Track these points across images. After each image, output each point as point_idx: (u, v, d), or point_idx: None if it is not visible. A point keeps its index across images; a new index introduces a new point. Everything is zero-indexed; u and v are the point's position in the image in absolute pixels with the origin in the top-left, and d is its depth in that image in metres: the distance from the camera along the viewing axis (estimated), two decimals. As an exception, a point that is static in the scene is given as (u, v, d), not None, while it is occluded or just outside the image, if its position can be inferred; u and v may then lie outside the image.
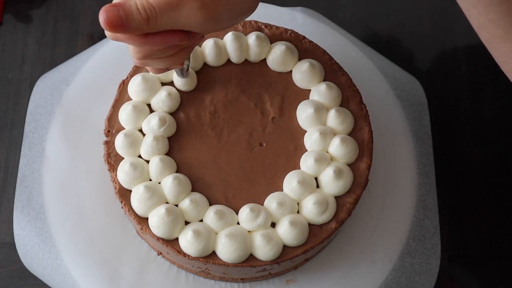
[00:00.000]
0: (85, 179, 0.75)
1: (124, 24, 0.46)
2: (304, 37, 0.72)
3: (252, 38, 0.70)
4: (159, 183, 0.65)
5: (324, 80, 0.70)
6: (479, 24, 0.54)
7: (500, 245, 0.81)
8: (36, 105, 0.80)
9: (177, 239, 0.64)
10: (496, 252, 0.80)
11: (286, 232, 0.63)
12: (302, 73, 0.69)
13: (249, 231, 0.64)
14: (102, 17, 0.45)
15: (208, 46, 0.70)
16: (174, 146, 0.67)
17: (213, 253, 0.64)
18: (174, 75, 0.68)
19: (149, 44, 0.49)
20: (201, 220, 0.64)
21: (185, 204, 0.64)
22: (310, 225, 0.65)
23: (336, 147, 0.66)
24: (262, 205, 0.65)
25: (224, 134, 0.68)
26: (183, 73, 0.67)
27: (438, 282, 0.75)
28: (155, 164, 0.65)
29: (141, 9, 0.46)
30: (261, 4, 0.56)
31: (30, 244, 0.74)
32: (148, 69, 0.61)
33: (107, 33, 0.49)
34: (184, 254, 0.63)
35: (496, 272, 0.80)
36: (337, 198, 0.66)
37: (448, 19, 0.91)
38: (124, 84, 0.70)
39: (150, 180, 0.65)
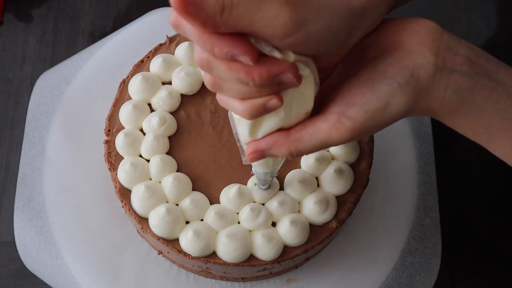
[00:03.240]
0: (85, 178, 0.75)
1: (196, 6, 0.38)
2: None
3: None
4: (160, 182, 0.65)
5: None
6: None
7: (500, 244, 0.81)
8: (37, 104, 0.80)
9: (177, 238, 0.64)
10: (496, 252, 0.80)
11: (286, 232, 0.63)
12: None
13: (249, 231, 0.64)
14: None
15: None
16: (175, 145, 0.67)
17: (214, 253, 0.64)
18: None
19: (214, 44, 0.40)
20: (202, 220, 0.64)
21: (186, 203, 0.64)
22: (311, 224, 0.65)
23: (337, 146, 0.66)
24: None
25: (224, 133, 0.68)
26: (265, 186, 0.62)
27: (439, 281, 0.75)
28: (156, 163, 0.65)
29: None
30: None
31: (31, 243, 0.74)
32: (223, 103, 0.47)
33: (172, 19, 0.41)
34: (185, 254, 0.63)
35: (496, 272, 0.80)
36: (338, 197, 0.66)
37: (449, 19, 0.91)
38: (124, 83, 0.70)
39: (151, 179, 0.65)
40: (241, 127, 0.47)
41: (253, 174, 0.63)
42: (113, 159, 0.67)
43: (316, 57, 0.44)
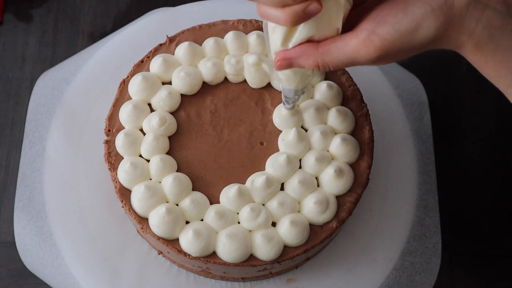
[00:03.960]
0: (85, 178, 0.75)
1: None
2: (304, 36, 0.72)
3: (252, 37, 0.70)
4: (160, 182, 0.65)
5: (324, 79, 0.70)
6: None
7: (501, 244, 0.81)
8: (37, 104, 0.80)
9: (177, 238, 0.64)
10: (496, 252, 0.80)
11: (286, 232, 0.63)
12: (302, 72, 0.69)
13: (249, 231, 0.64)
14: None
15: (208, 45, 0.70)
16: (175, 145, 0.67)
17: (214, 253, 0.64)
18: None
19: None
20: (202, 220, 0.64)
21: (186, 203, 0.64)
22: (311, 224, 0.65)
23: (337, 146, 0.66)
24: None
25: (224, 133, 0.68)
26: (290, 105, 0.64)
27: (439, 281, 0.75)
28: (156, 163, 0.65)
29: None
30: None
31: (31, 243, 0.74)
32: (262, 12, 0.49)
33: None
34: (185, 254, 0.63)
35: (496, 272, 0.80)
36: (338, 197, 0.66)
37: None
38: (124, 83, 0.70)
39: (151, 179, 0.65)
40: (274, 36, 0.50)
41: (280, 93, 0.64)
42: (113, 159, 0.67)
43: None
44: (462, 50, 0.46)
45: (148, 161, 0.66)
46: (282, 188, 0.66)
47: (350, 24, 0.48)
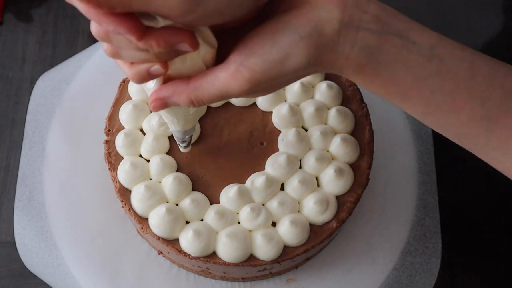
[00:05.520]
0: (85, 178, 0.75)
1: None
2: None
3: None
4: (160, 182, 0.65)
5: (324, 79, 0.70)
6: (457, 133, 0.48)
7: (500, 244, 0.81)
8: (37, 104, 0.80)
9: (177, 238, 0.64)
10: (496, 252, 0.80)
11: (286, 232, 0.63)
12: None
13: (249, 231, 0.64)
14: None
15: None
16: (175, 145, 0.67)
17: (214, 253, 0.64)
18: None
19: (101, 21, 0.39)
20: (202, 220, 0.64)
21: (186, 203, 0.64)
22: (311, 224, 0.65)
23: (337, 146, 0.66)
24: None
25: (224, 133, 0.68)
26: (183, 145, 0.63)
27: (439, 281, 0.75)
28: (156, 163, 0.65)
29: None
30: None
31: (31, 243, 0.74)
32: (120, 66, 0.48)
33: None
34: (185, 254, 0.63)
35: (496, 271, 0.80)
36: (338, 197, 0.66)
37: (448, 19, 0.91)
38: (124, 83, 0.70)
39: (151, 179, 0.65)
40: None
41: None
42: (113, 159, 0.67)
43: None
44: (344, 73, 0.45)
45: (148, 161, 0.66)
46: (282, 188, 0.66)
47: (220, 52, 0.46)
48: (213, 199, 0.65)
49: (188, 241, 0.62)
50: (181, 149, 0.64)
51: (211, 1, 0.39)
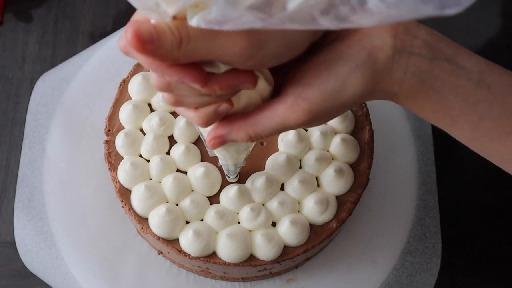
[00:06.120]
0: (85, 178, 0.75)
1: (154, 42, 0.37)
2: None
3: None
4: (160, 182, 0.65)
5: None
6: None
7: (501, 244, 0.81)
8: (37, 104, 0.80)
9: (177, 238, 0.64)
10: (497, 251, 0.80)
11: (286, 232, 0.63)
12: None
13: (249, 231, 0.64)
14: (130, 31, 0.36)
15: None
16: (175, 146, 0.67)
17: (214, 253, 0.64)
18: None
19: (165, 72, 0.40)
20: (202, 220, 0.64)
21: (186, 203, 0.64)
22: (311, 224, 0.65)
23: (337, 146, 0.66)
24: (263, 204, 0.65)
25: (224, 133, 0.68)
26: (233, 177, 0.63)
27: (439, 281, 0.75)
28: (156, 163, 0.65)
29: (174, 28, 0.38)
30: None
31: (31, 243, 0.74)
32: (180, 112, 0.48)
33: (122, 47, 0.41)
34: (185, 254, 0.63)
35: (496, 271, 0.80)
36: (338, 197, 0.66)
37: (448, 18, 0.91)
38: (124, 83, 0.70)
39: (151, 179, 0.65)
40: None
41: (221, 167, 0.63)
42: (113, 159, 0.67)
43: None
44: (396, 100, 0.45)
45: (148, 161, 0.66)
46: (282, 188, 0.66)
47: (275, 86, 0.46)
48: (213, 199, 0.65)
49: (188, 241, 0.62)
50: (230, 179, 0.64)
51: (271, 47, 0.40)
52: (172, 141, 0.67)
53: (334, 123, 0.67)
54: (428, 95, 0.44)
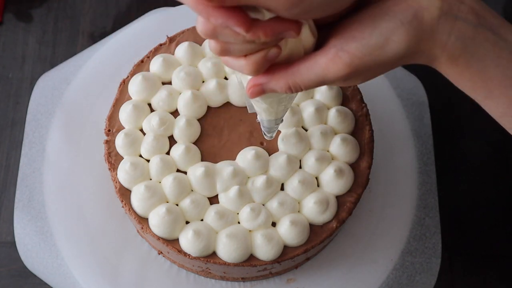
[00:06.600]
0: (85, 178, 0.75)
1: None
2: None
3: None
4: (160, 182, 0.65)
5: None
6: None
7: (501, 244, 0.81)
8: (37, 104, 0.80)
9: (177, 238, 0.64)
10: (496, 251, 0.80)
11: (286, 232, 0.63)
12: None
13: (249, 231, 0.64)
14: None
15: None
16: (175, 146, 0.67)
17: (214, 253, 0.64)
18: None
19: (210, 15, 0.40)
20: (202, 220, 0.64)
21: (186, 203, 0.64)
22: (311, 224, 0.65)
23: (337, 146, 0.66)
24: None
25: (224, 133, 0.68)
26: (270, 135, 0.62)
27: (439, 281, 0.75)
28: (156, 163, 0.65)
29: None
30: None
31: (31, 243, 0.74)
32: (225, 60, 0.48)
33: None
34: (185, 254, 0.63)
35: (496, 271, 0.80)
36: (338, 197, 0.66)
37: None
38: (124, 83, 0.70)
39: (151, 179, 0.65)
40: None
41: (259, 123, 0.63)
42: (113, 159, 0.67)
43: None
44: (436, 64, 0.45)
45: (148, 161, 0.66)
46: (282, 188, 0.66)
47: (317, 43, 0.46)
48: (213, 199, 0.65)
49: (188, 241, 0.62)
50: (266, 137, 0.62)
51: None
52: (172, 141, 0.67)
53: (334, 123, 0.67)
54: (470, 62, 0.44)
